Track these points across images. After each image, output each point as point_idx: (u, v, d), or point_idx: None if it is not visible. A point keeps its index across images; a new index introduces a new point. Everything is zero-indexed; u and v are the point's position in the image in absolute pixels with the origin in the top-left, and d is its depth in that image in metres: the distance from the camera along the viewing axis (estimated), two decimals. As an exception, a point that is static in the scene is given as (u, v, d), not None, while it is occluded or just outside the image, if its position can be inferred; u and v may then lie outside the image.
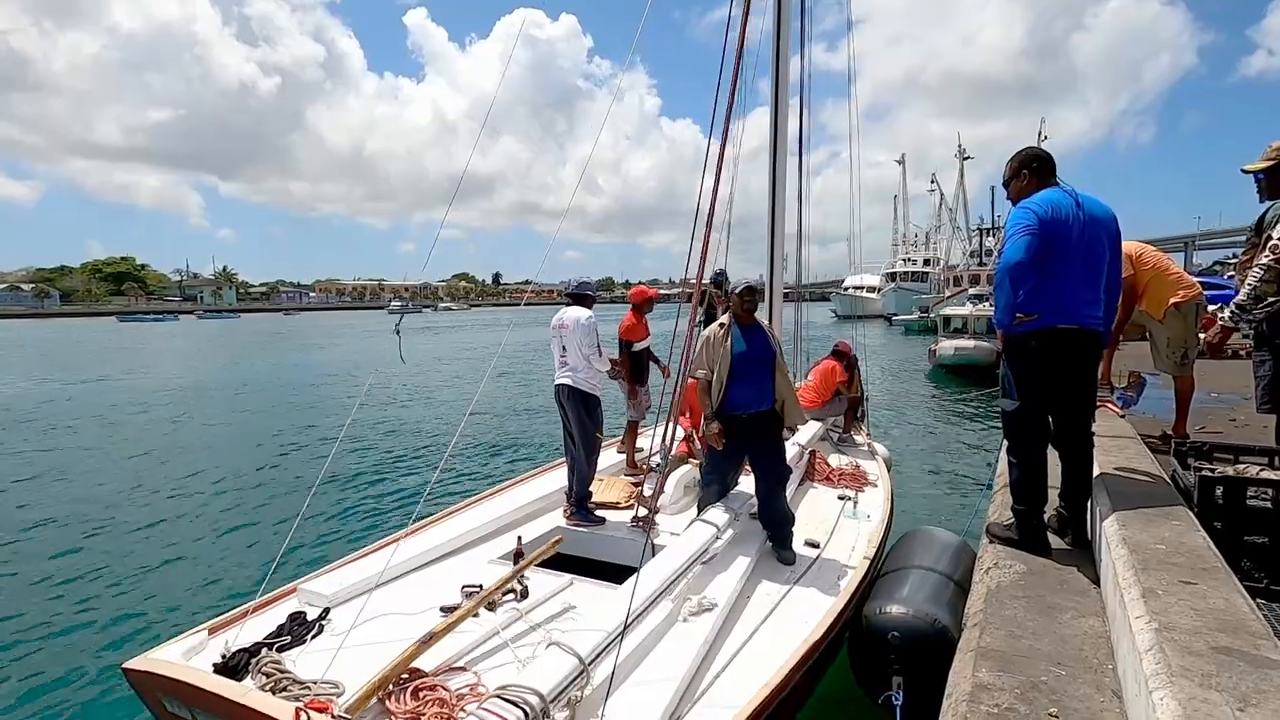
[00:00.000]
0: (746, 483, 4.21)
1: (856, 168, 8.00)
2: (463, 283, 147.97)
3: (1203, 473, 2.97)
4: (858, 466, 5.66)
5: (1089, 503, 3.06)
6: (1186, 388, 4.50)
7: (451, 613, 2.86)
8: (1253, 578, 2.70)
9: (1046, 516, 3.03)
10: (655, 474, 4.51)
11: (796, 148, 6.48)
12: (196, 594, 5.61)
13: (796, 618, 3.19)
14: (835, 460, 5.77)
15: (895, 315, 47.41)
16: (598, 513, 4.43)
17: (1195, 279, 4.61)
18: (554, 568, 3.78)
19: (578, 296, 4.53)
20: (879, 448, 6.42)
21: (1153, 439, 4.39)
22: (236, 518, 7.54)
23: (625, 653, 2.66)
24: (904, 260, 64.80)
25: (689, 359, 4.17)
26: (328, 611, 3.07)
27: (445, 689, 2.43)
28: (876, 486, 5.32)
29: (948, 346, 19.91)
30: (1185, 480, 3.26)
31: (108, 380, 21.10)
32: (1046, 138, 37.43)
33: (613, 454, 5.73)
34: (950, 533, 4.22)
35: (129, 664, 2.59)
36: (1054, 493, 3.05)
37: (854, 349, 6.75)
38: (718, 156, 3.74)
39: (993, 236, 41.01)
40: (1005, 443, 3.23)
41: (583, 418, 4.38)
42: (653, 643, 2.84)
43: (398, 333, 3.39)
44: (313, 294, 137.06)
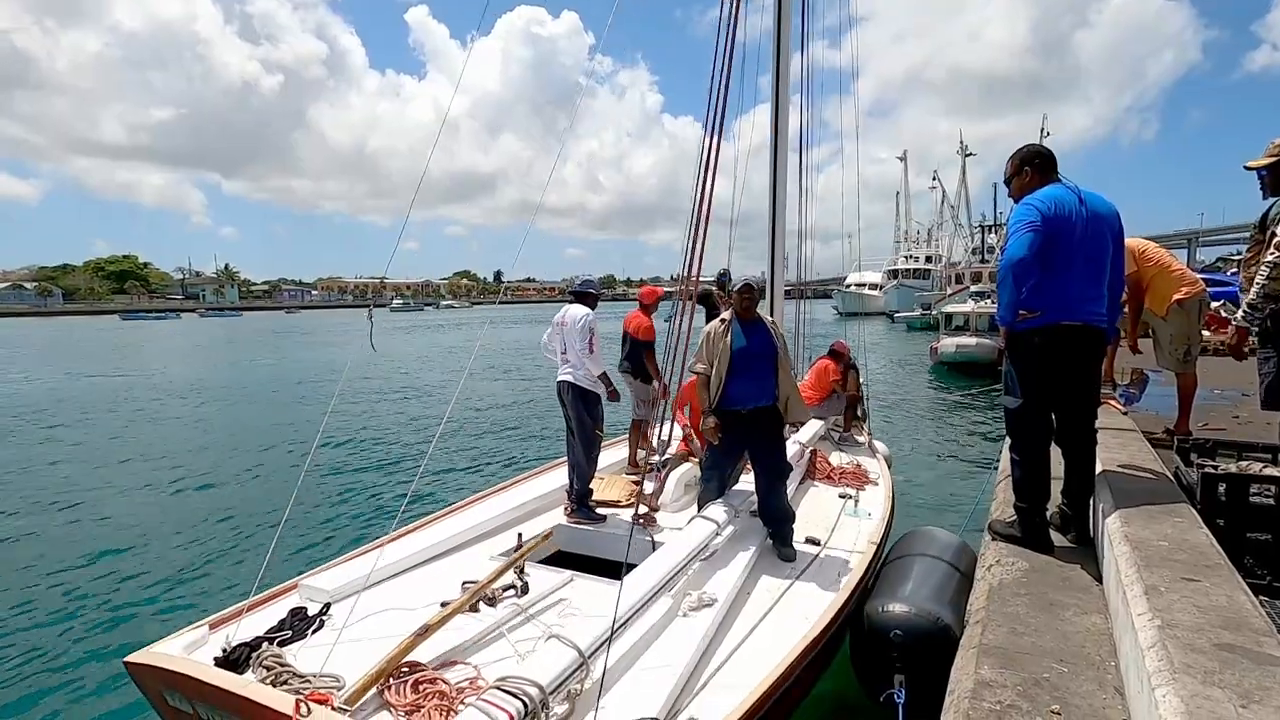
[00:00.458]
0: (747, 480, 4.22)
1: (856, 165, 7.99)
2: (464, 280, 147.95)
3: (1205, 470, 2.97)
4: (859, 465, 5.67)
5: (1091, 500, 3.05)
6: (1189, 384, 4.49)
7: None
8: (1255, 575, 2.70)
9: (1049, 514, 3.03)
10: (655, 472, 4.52)
11: (798, 144, 6.47)
12: (198, 589, 5.63)
13: (796, 614, 3.20)
14: (836, 459, 5.77)
15: (897, 312, 47.37)
16: (599, 510, 4.44)
17: (1198, 275, 4.60)
18: (555, 565, 3.78)
19: (580, 295, 4.55)
20: (879, 446, 6.42)
21: (1155, 436, 4.38)
22: (238, 513, 7.56)
23: (625, 647, 2.67)
24: (906, 257, 64.71)
25: (677, 357, 4.17)
26: (329, 607, 3.09)
27: (445, 682, 2.44)
28: (877, 485, 5.32)
29: (949, 343, 19.89)
30: (1188, 477, 3.25)
31: (109, 376, 21.14)
32: (1049, 134, 37.42)
33: (614, 452, 5.73)
34: (951, 532, 4.22)
35: (131, 658, 2.61)
36: (1056, 489, 3.04)
37: (853, 348, 6.79)
38: (710, 152, 3.67)
39: (995, 234, 40.96)
40: (1007, 440, 3.22)
41: (583, 414, 4.40)
42: (653, 637, 2.85)
43: (370, 320, 3.43)
44: (315, 292, 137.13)
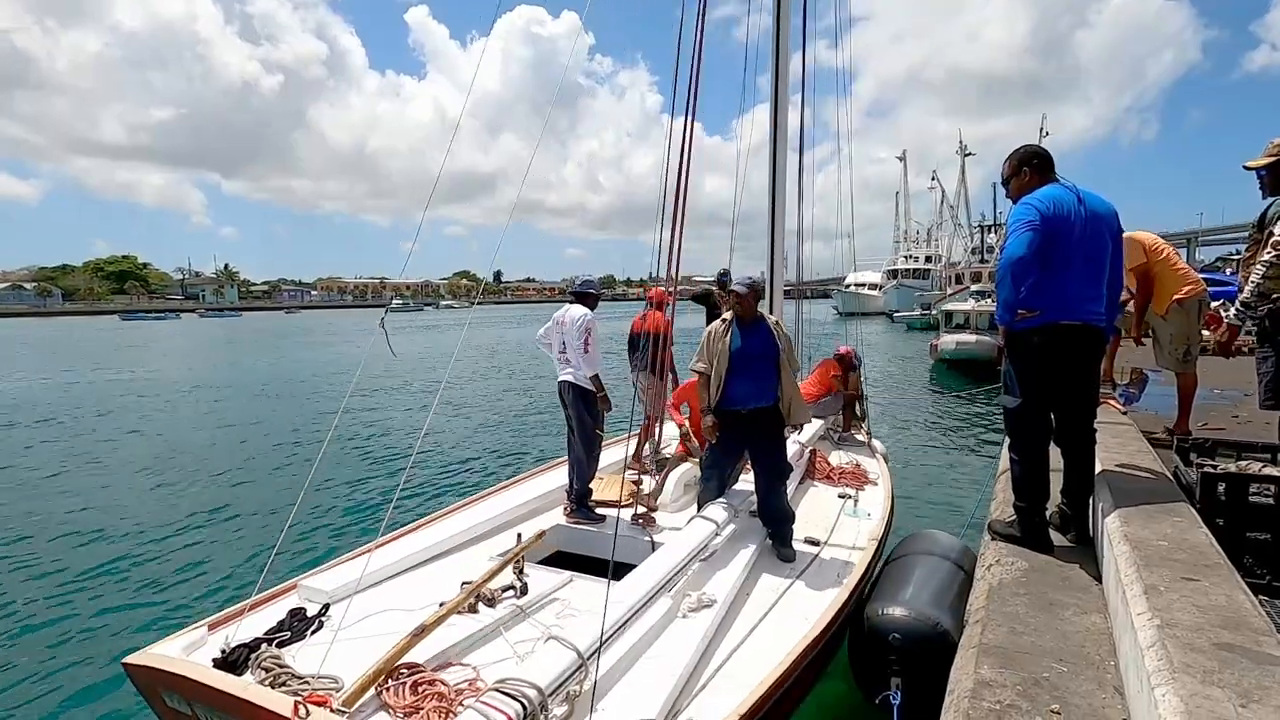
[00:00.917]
0: (746, 479, 4.21)
1: (859, 167, 7.99)
2: (464, 281, 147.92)
3: (1205, 469, 2.97)
4: (858, 465, 5.66)
5: (1091, 499, 3.05)
6: (1189, 384, 4.50)
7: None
8: (1255, 574, 2.70)
9: (1048, 513, 3.03)
10: (654, 471, 4.51)
11: (797, 144, 6.47)
12: (197, 590, 5.62)
13: (796, 614, 3.19)
14: (836, 458, 5.77)
15: (897, 312, 47.40)
16: (598, 510, 4.43)
17: (1199, 275, 4.61)
18: (555, 565, 3.77)
19: (580, 295, 4.54)
20: (877, 444, 6.44)
21: (1155, 435, 4.38)
22: (238, 513, 7.55)
23: (624, 648, 2.66)
24: (905, 257, 64.74)
25: (659, 357, 4.18)
26: (327, 608, 3.08)
27: (444, 683, 2.44)
28: (877, 485, 5.32)
29: (949, 341, 19.90)
30: (1187, 477, 3.25)
31: (113, 377, 21.14)
32: (1048, 134, 37.44)
33: (614, 452, 5.72)
34: (952, 535, 4.22)
35: (129, 659, 2.60)
36: (1056, 489, 3.04)
37: (857, 350, 6.95)
38: (684, 138, 3.58)
39: (994, 233, 40.95)
40: (1007, 439, 3.22)
41: (583, 414, 4.39)
42: (652, 638, 2.85)
43: (383, 327, 3.38)
44: (314, 292, 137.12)
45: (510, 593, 3.20)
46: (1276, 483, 2.76)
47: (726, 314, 4.02)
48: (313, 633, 2.89)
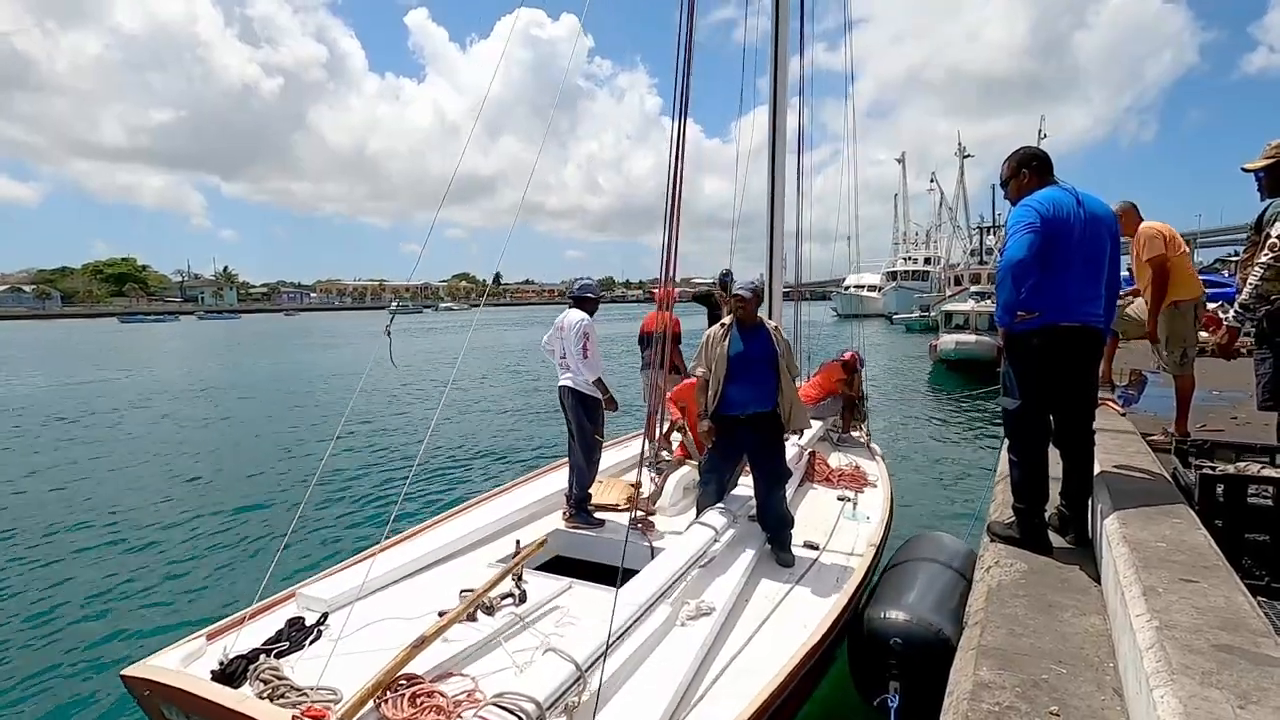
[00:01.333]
0: (746, 482, 4.21)
1: (846, 169, 8.00)
2: (463, 283, 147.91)
3: (1204, 471, 2.97)
4: (857, 467, 5.66)
5: (1090, 501, 3.06)
6: (1187, 386, 4.50)
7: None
8: (1254, 575, 2.70)
9: (1047, 515, 3.03)
10: (652, 474, 4.50)
11: (796, 146, 6.49)
12: (196, 598, 5.60)
13: (795, 621, 3.18)
14: (835, 460, 5.77)
15: (896, 314, 47.41)
16: (597, 515, 4.43)
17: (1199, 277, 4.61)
18: (553, 571, 3.76)
19: (579, 299, 4.53)
20: (875, 446, 6.45)
21: (1154, 437, 4.39)
22: (236, 521, 7.53)
23: (623, 657, 2.64)
24: (904, 259, 64.79)
25: (659, 360, 4.19)
26: (326, 617, 3.05)
27: (442, 695, 2.41)
28: (876, 487, 5.32)
29: (949, 341, 19.89)
30: (1186, 478, 3.26)
31: (109, 381, 21.13)
32: (1046, 135, 37.45)
33: (613, 454, 5.72)
34: (954, 538, 4.21)
35: (127, 671, 2.58)
36: (1055, 491, 3.05)
37: (860, 352, 7.06)
38: (674, 157, 3.56)
39: (993, 235, 40.98)
40: (1006, 441, 3.22)
41: (583, 420, 4.37)
42: (651, 647, 2.82)
43: (389, 334, 3.33)
44: (313, 294, 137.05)
45: (509, 600, 3.17)
46: (1275, 484, 2.76)
47: (726, 318, 4.02)
48: (311, 642, 2.86)
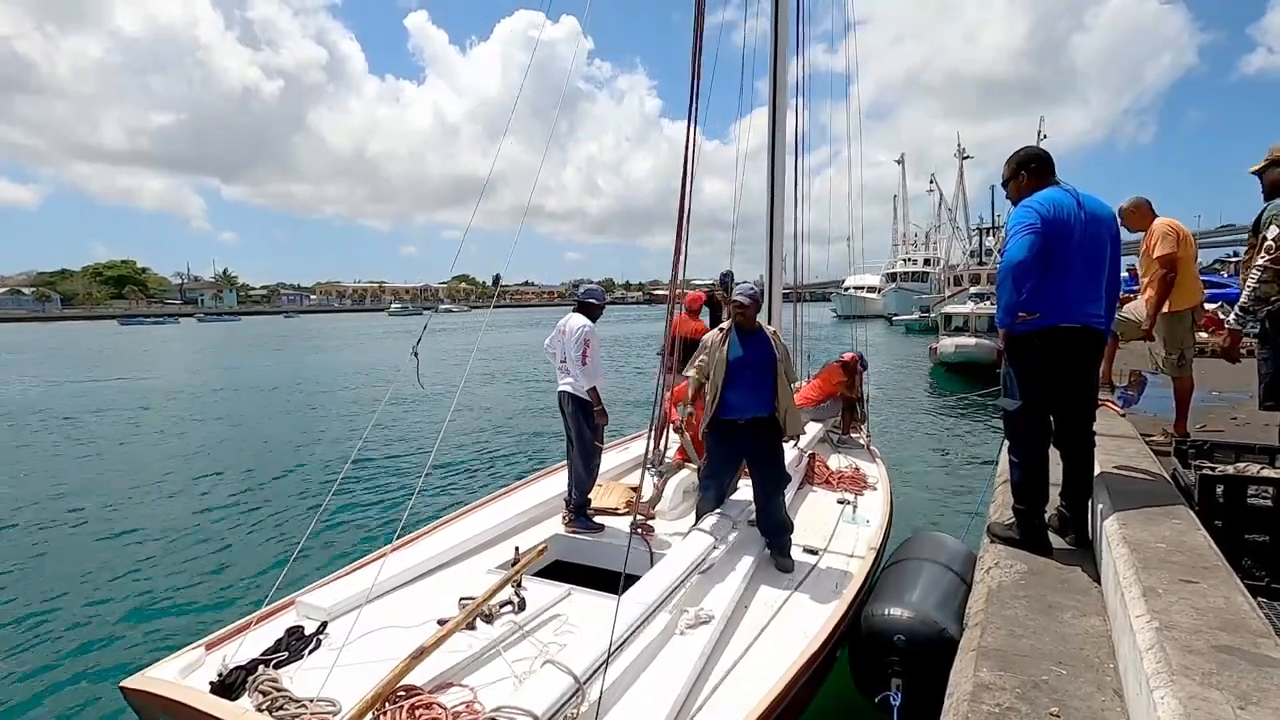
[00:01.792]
0: (746, 485, 4.20)
1: (857, 170, 8.02)
2: (463, 285, 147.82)
3: (1203, 471, 2.98)
4: (857, 469, 5.65)
5: (1090, 502, 3.06)
6: (1186, 387, 4.51)
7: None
8: (1253, 576, 2.70)
9: (1048, 516, 3.03)
10: (655, 478, 4.49)
11: (795, 148, 6.50)
12: (195, 605, 5.56)
13: (795, 628, 3.16)
14: (835, 462, 5.76)
15: (895, 315, 47.41)
16: (596, 519, 4.41)
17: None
18: (552, 576, 3.74)
19: (583, 304, 4.51)
20: (875, 448, 6.45)
21: (1153, 438, 4.39)
22: (235, 528, 7.49)
23: (621, 667, 2.62)
24: (904, 260, 64.81)
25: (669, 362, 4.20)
26: (325, 625, 3.03)
27: (441, 706, 2.39)
28: (876, 489, 5.30)
29: (949, 344, 19.90)
30: (1186, 479, 3.26)
31: (111, 383, 21.13)
32: (1045, 136, 37.43)
33: (613, 456, 5.71)
34: (954, 538, 4.20)
35: (126, 682, 2.57)
36: (1055, 492, 3.05)
37: (862, 353, 7.07)
38: (691, 151, 3.60)
39: (992, 236, 41.02)
40: (1006, 442, 3.23)
41: (583, 426, 4.34)
42: (650, 656, 2.80)
43: (415, 355, 3.22)
44: (313, 296, 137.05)
45: (508, 608, 3.15)
46: (1275, 485, 2.76)
47: (725, 322, 4.02)
48: (310, 652, 2.84)
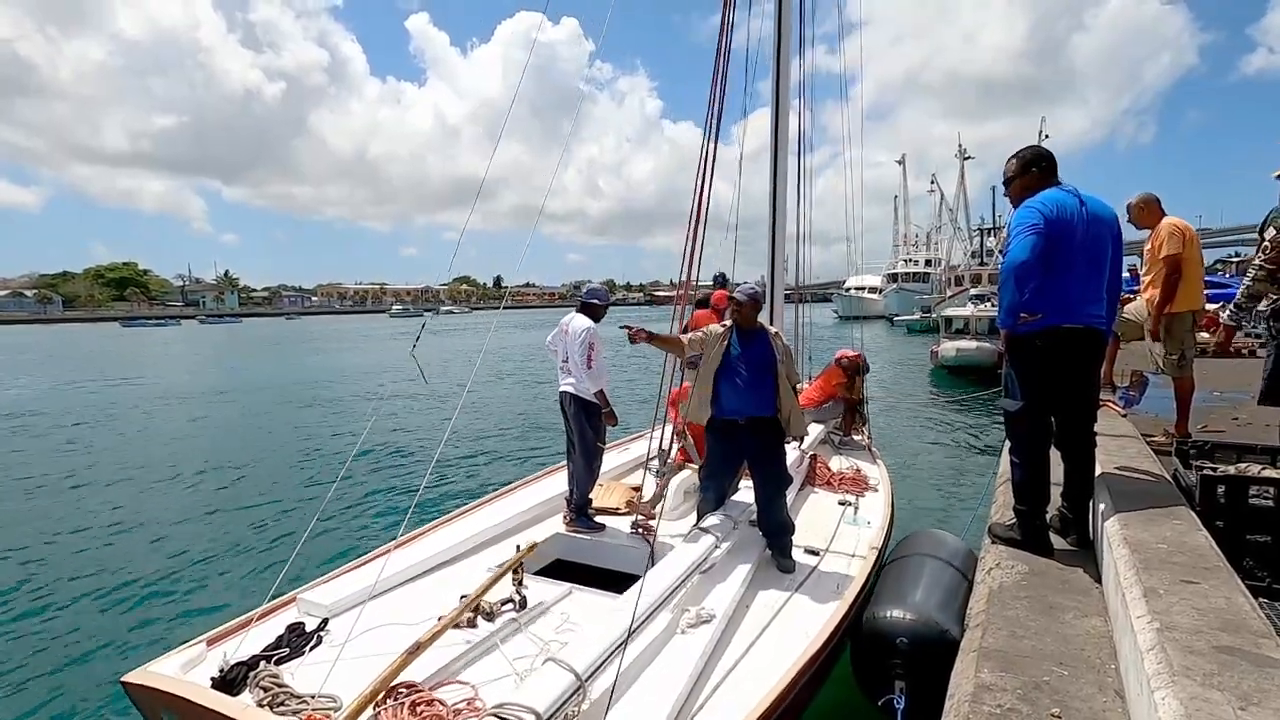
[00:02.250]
0: (746, 486, 4.20)
1: (859, 171, 8.03)
2: (464, 286, 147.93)
3: (1204, 472, 2.98)
4: (858, 470, 5.65)
5: (1091, 502, 3.06)
6: (1186, 388, 4.51)
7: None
8: (1255, 576, 2.71)
9: (1049, 517, 3.03)
10: (657, 477, 4.49)
11: (797, 149, 6.51)
12: (197, 601, 5.59)
13: (796, 628, 3.16)
14: (836, 464, 5.76)
15: (897, 316, 47.40)
16: (598, 519, 4.41)
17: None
18: (554, 575, 3.74)
19: (586, 305, 4.51)
20: (876, 449, 6.44)
21: (1154, 438, 4.39)
22: (238, 525, 7.52)
23: (623, 666, 2.61)
24: (905, 261, 64.80)
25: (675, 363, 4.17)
26: (326, 622, 3.04)
27: (442, 703, 2.39)
28: (877, 491, 5.30)
29: (949, 347, 19.90)
30: (1187, 479, 3.26)
31: (112, 385, 21.16)
32: (1048, 136, 37.38)
33: (613, 456, 5.71)
34: (955, 536, 4.19)
35: (128, 677, 2.58)
36: (1056, 492, 3.05)
37: (865, 354, 7.03)
38: (705, 158, 3.65)
39: (993, 236, 40.98)
40: (1007, 443, 3.22)
41: (584, 426, 4.34)
42: (651, 655, 2.81)
43: (414, 356, 3.29)
44: (314, 298, 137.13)
45: (509, 606, 3.15)
46: (1276, 485, 2.76)
47: (727, 320, 4.02)
48: (311, 648, 2.85)
